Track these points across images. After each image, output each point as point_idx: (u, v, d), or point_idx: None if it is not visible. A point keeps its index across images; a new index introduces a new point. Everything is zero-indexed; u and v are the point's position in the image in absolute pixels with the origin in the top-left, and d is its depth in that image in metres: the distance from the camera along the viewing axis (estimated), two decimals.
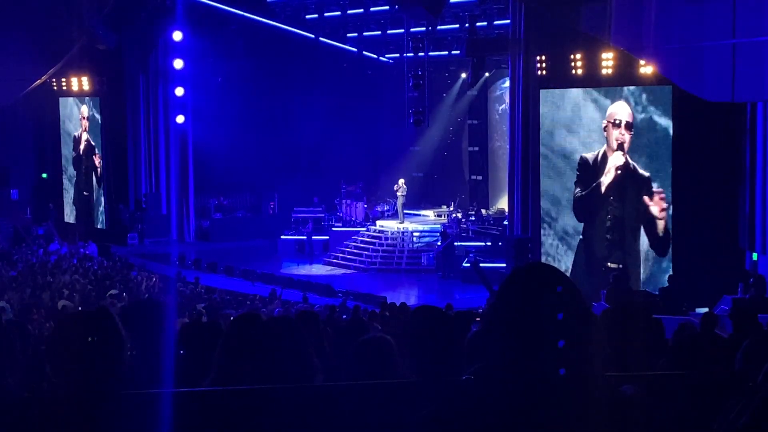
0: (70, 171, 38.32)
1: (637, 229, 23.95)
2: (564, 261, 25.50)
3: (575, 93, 24.81)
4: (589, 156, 25.02)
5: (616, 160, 24.37)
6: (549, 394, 2.41)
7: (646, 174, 23.55)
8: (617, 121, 24.22)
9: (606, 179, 24.58)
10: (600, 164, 24.79)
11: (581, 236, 25.29)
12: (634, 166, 23.87)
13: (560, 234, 25.73)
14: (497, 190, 37.08)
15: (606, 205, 24.59)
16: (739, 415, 2.88)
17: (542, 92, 25.85)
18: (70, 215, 38.42)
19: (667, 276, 21.65)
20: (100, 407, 3.69)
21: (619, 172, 24.31)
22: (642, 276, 23.72)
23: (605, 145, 24.65)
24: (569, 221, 25.47)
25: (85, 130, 37.23)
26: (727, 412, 3.08)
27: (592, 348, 2.48)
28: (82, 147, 37.47)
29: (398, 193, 35.45)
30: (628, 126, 24.07)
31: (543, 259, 25.54)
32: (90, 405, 3.71)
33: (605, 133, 24.59)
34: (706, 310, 17.47)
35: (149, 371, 3.88)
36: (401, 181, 35.49)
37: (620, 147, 24.20)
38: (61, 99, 37.78)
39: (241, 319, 4.74)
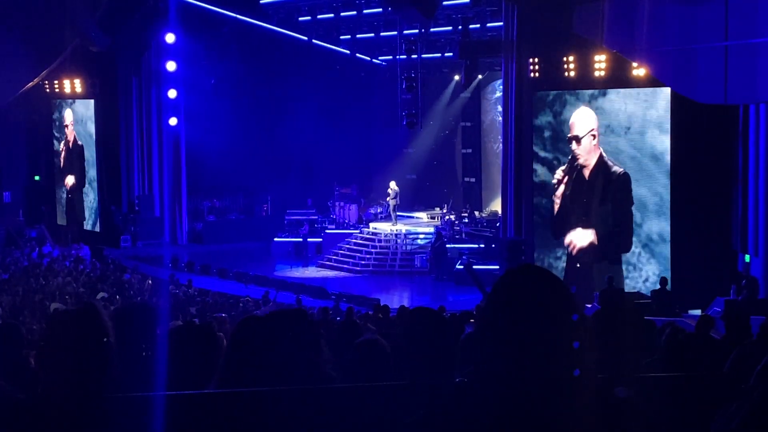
0: (63, 173, 38.23)
1: (619, 225, 24.15)
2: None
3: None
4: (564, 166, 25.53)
5: (560, 189, 25.31)
6: (542, 396, 2.41)
7: (620, 170, 23.66)
8: (572, 137, 24.74)
9: (565, 191, 25.32)
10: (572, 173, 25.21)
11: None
12: (609, 163, 24.02)
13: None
14: (490, 192, 37.10)
15: (573, 208, 24.88)
16: (732, 417, 2.88)
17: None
18: (62, 218, 38.34)
19: (659, 278, 21.70)
20: (93, 410, 3.68)
21: (567, 192, 25.12)
22: (639, 276, 23.71)
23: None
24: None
25: (77, 134, 37.15)
26: (720, 414, 3.08)
27: (584, 350, 2.48)
28: (77, 150, 37.39)
29: (390, 196, 35.48)
30: (577, 140, 24.68)
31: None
32: (83, 408, 3.70)
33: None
34: (698, 311, 17.53)
35: (140, 374, 3.87)
36: (392, 183, 35.48)
37: (573, 161, 24.69)
38: (54, 101, 37.70)
39: (244, 323, 4.75)
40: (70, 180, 37.44)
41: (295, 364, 3.87)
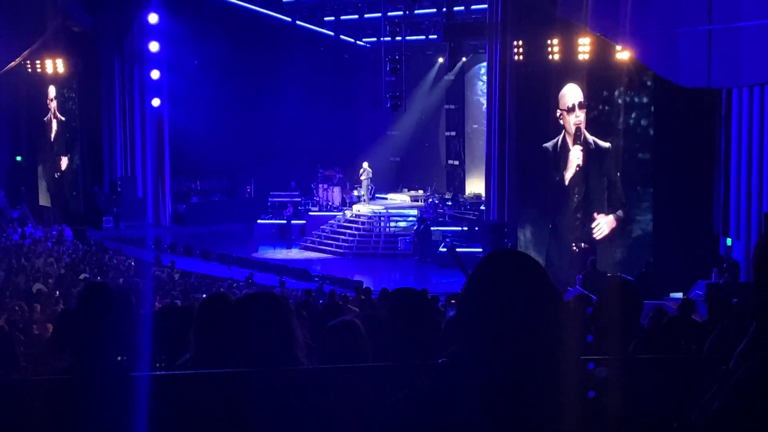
0: (45, 153, 38.04)
1: (604, 200, 23.82)
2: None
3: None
4: (549, 145, 24.95)
5: (576, 155, 24.30)
6: (522, 376, 2.42)
7: (606, 144, 23.52)
8: (571, 106, 24.28)
9: (568, 174, 24.52)
10: (560, 153, 24.73)
11: (550, 225, 25.23)
12: (593, 141, 23.83)
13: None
14: (474, 174, 37.16)
15: (571, 189, 24.55)
16: (712, 399, 2.89)
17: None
18: (45, 198, 38.17)
19: (642, 257, 21.76)
20: (73, 391, 3.68)
21: (578, 168, 24.31)
22: (617, 254, 23.60)
23: (563, 132, 24.64)
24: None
25: (54, 114, 37.01)
26: (700, 396, 3.10)
27: (564, 331, 2.50)
28: (54, 130, 37.25)
29: (362, 177, 35.66)
30: (581, 105, 24.07)
31: None
32: (61, 390, 3.70)
33: (561, 121, 24.62)
34: (680, 295, 17.62)
35: (122, 356, 3.88)
36: (365, 165, 35.69)
37: (578, 132, 24.11)
38: (36, 81, 37.43)
39: (210, 299, 4.81)
40: (64, 160, 37.21)
41: (266, 347, 3.89)
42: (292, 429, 3.67)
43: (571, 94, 24.35)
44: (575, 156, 24.31)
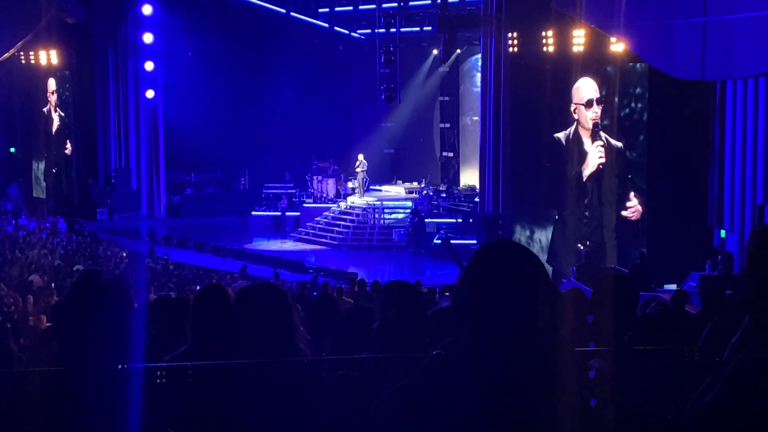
0: (41, 145, 37.96)
1: (614, 201, 23.65)
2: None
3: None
4: (561, 136, 24.75)
5: (596, 154, 23.88)
6: (518, 368, 2.43)
7: (619, 144, 23.39)
8: (588, 101, 23.97)
9: (587, 171, 24.15)
10: (572, 145, 24.51)
11: (557, 216, 25.09)
12: (606, 138, 23.68)
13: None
14: (468, 166, 37.15)
15: (585, 186, 24.36)
16: (706, 391, 2.90)
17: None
18: (38, 190, 38.11)
19: (638, 251, 21.74)
20: (64, 382, 3.67)
21: (601, 166, 23.89)
22: (618, 250, 23.56)
23: (575, 125, 24.46)
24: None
25: (54, 106, 36.93)
26: (694, 388, 3.11)
27: (558, 323, 2.51)
28: (53, 122, 37.18)
29: (358, 169, 35.65)
30: (599, 101, 23.73)
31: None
32: (52, 381, 3.70)
33: (575, 115, 24.39)
34: (674, 286, 17.64)
35: (117, 348, 3.87)
36: (360, 156, 35.69)
37: (596, 128, 23.85)
38: (30, 73, 37.34)
39: (206, 289, 4.81)
40: (59, 152, 37.13)
41: (268, 338, 3.89)
42: (290, 420, 3.68)
43: (587, 87, 23.94)
44: (595, 155, 23.89)
